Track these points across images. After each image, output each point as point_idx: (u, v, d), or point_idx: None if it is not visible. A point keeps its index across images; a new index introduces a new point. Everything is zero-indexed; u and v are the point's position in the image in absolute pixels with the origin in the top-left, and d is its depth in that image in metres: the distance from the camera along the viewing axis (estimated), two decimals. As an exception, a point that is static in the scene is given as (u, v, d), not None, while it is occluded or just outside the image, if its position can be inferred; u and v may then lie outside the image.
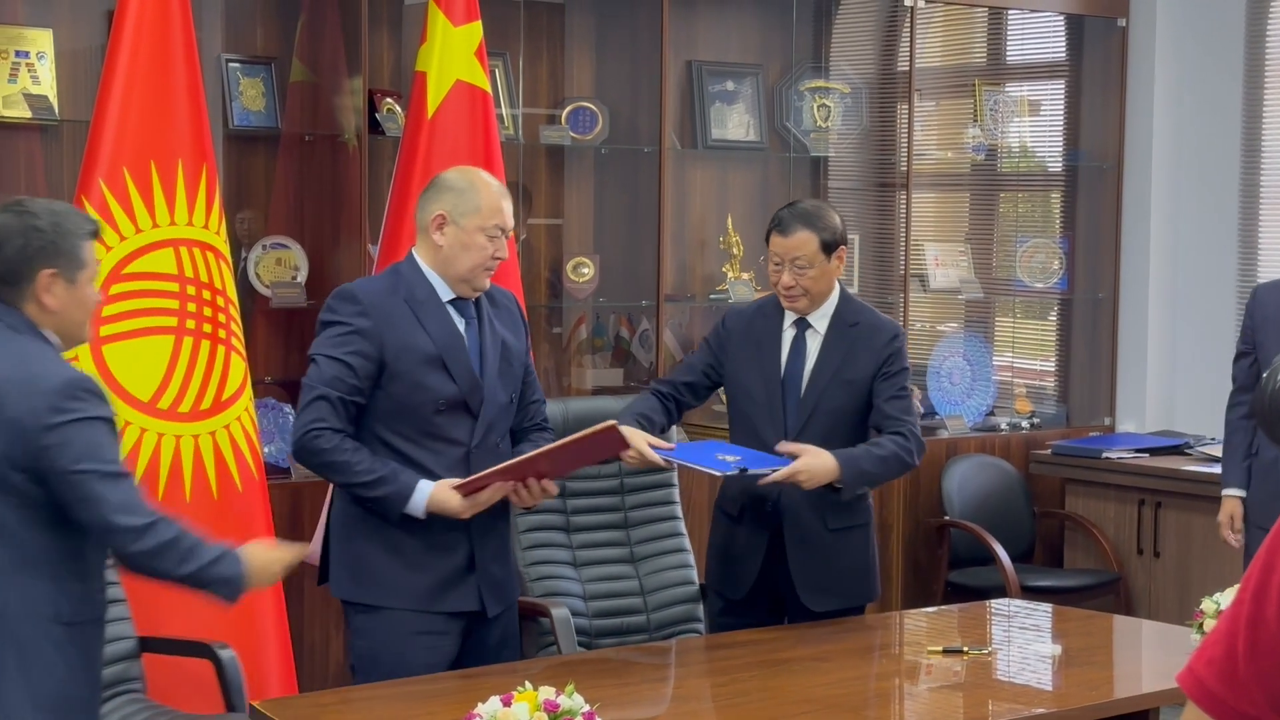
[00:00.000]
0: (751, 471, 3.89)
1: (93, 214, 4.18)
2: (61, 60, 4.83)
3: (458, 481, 3.68)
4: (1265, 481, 4.88)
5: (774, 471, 3.88)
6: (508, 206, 3.77)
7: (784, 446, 3.95)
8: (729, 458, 3.95)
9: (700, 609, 4.49)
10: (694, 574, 4.53)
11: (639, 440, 3.89)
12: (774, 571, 4.12)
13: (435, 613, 3.75)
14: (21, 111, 4.70)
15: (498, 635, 3.89)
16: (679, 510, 4.62)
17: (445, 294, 3.75)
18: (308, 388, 3.65)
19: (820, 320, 4.13)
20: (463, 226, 3.72)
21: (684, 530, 4.62)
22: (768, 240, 4.13)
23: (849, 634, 4.15)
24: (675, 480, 4.63)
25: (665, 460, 3.98)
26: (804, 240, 4.07)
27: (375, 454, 3.67)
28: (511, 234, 3.82)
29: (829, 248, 4.10)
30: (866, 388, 4.09)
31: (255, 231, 5.22)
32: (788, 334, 4.15)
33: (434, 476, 3.69)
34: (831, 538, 4.10)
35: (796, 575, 4.10)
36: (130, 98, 4.25)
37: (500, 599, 3.85)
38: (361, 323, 3.65)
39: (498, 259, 3.76)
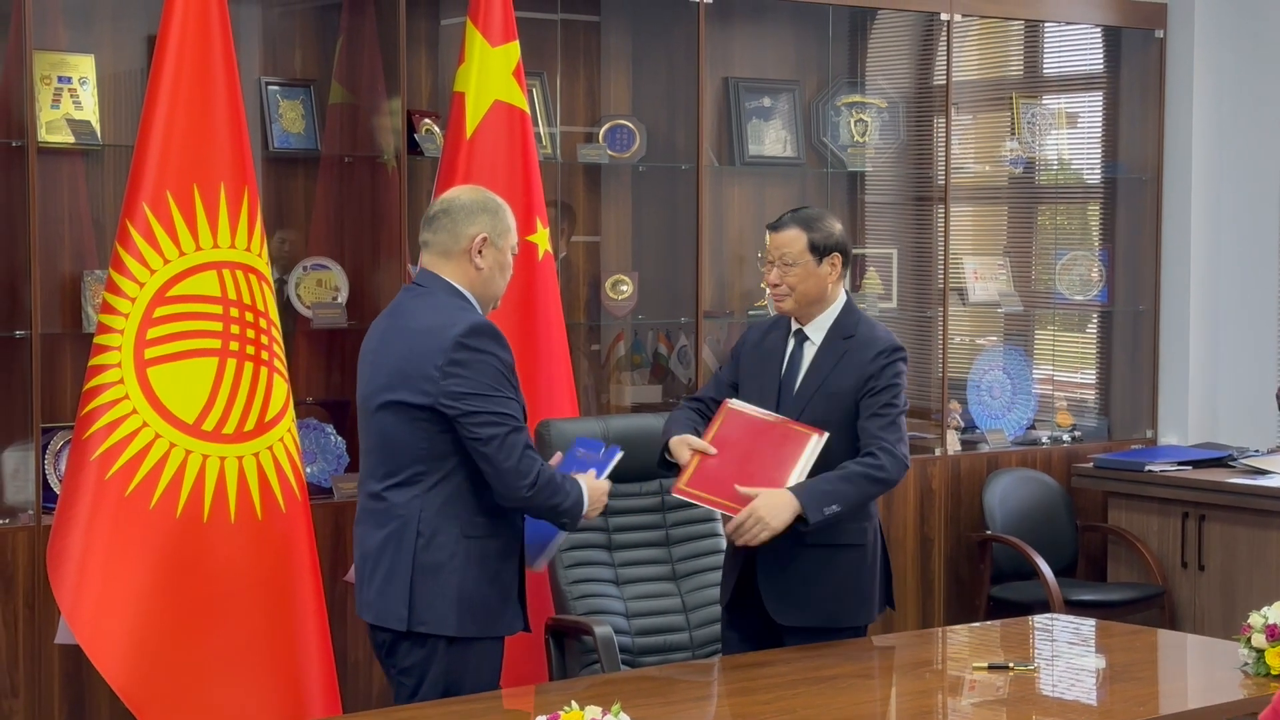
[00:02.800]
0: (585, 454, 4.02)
1: (136, 238, 4.23)
2: (104, 85, 4.87)
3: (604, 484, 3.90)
4: None
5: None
6: None
7: (742, 490, 3.93)
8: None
9: None
10: None
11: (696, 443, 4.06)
12: (750, 582, 4.13)
13: (499, 637, 3.81)
14: (65, 136, 4.74)
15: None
16: (720, 528, 4.61)
17: None
18: (509, 428, 3.65)
19: (817, 331, 4.16)
20: (500, 248, 3.81)
21: (725, 547, 4.60)
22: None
23: (893, 650, 4.14)
24: None
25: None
26: (793, 237, 4.11)
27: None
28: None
29: (817, 250, 4.10)
30: (851, 401, 4.06)
31: (296, 253, 5.25)
32: (789, 345, 4.20)
33: None
34: (810, 553, 4.03)
35: (763, 584, 4.09)
36: (172, 121, 4.29)
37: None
38: (510, 358, 3.73)
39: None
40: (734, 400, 4.12)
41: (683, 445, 4.07)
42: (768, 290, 4.25)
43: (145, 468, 4.21)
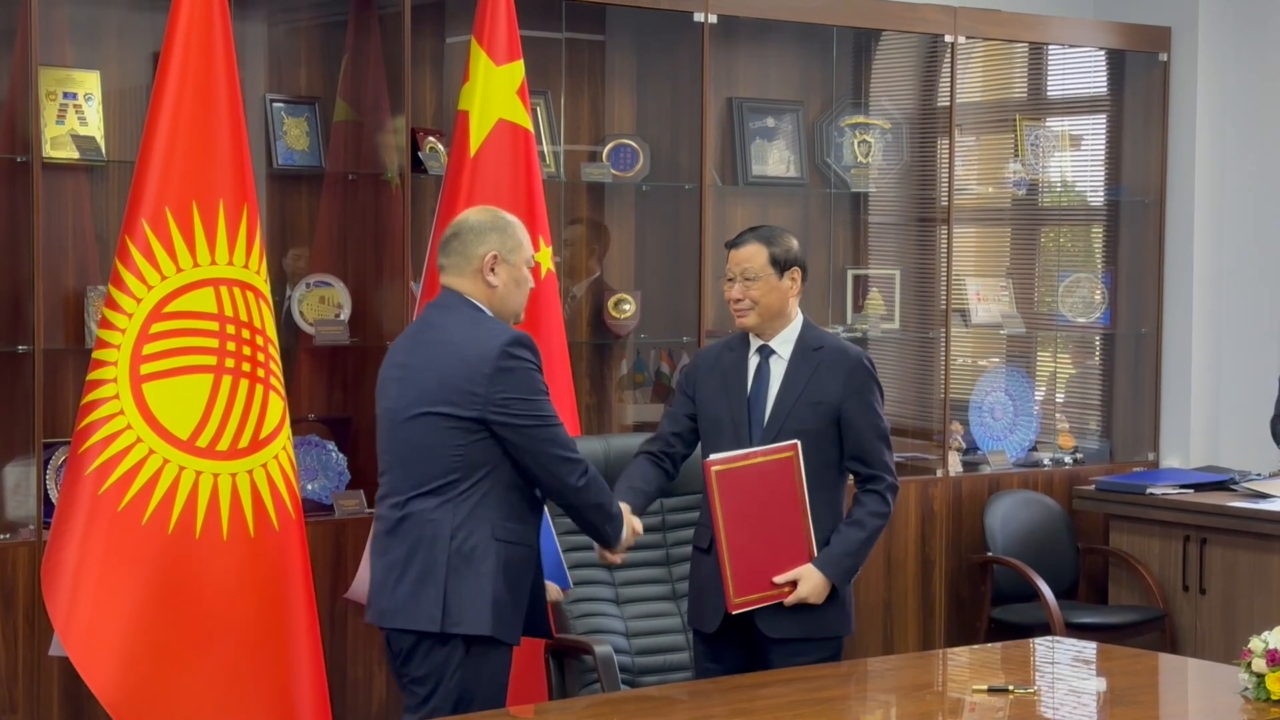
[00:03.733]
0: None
1: (135, 254, 4.24)
2: (109, 101, 4.88)
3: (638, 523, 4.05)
4: None
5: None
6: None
7: (780, 580, 4.08)
8: None
9: None
10: None
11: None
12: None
13: (511, 647, 3.86)
14: (69, 152, 4.75)
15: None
16: None
17: None
18: (562, 440, 3.84)
19: (783, 346, 4.21)
20: (513, 263, 3.89)
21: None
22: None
23: (893, 672, 4.13)
24: None
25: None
26: (754, 252, 4.18)
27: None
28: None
29: (778, 264, 4.18)
30: (835, 409, 4.16)
31: (299, 270, 5.25)
32: (752, 361, 4.23)
33: None
34: None
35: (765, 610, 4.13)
36: (174, 138, 4.30)
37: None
38: (541, 369, 3.89)
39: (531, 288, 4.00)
40: (712, 456, 4.09)
41: (628, 530, 4.07)
42: (730, 307, 4.25)
43: (138, 483, 4.21)
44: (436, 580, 3.74)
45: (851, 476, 4.25)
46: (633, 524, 4.03)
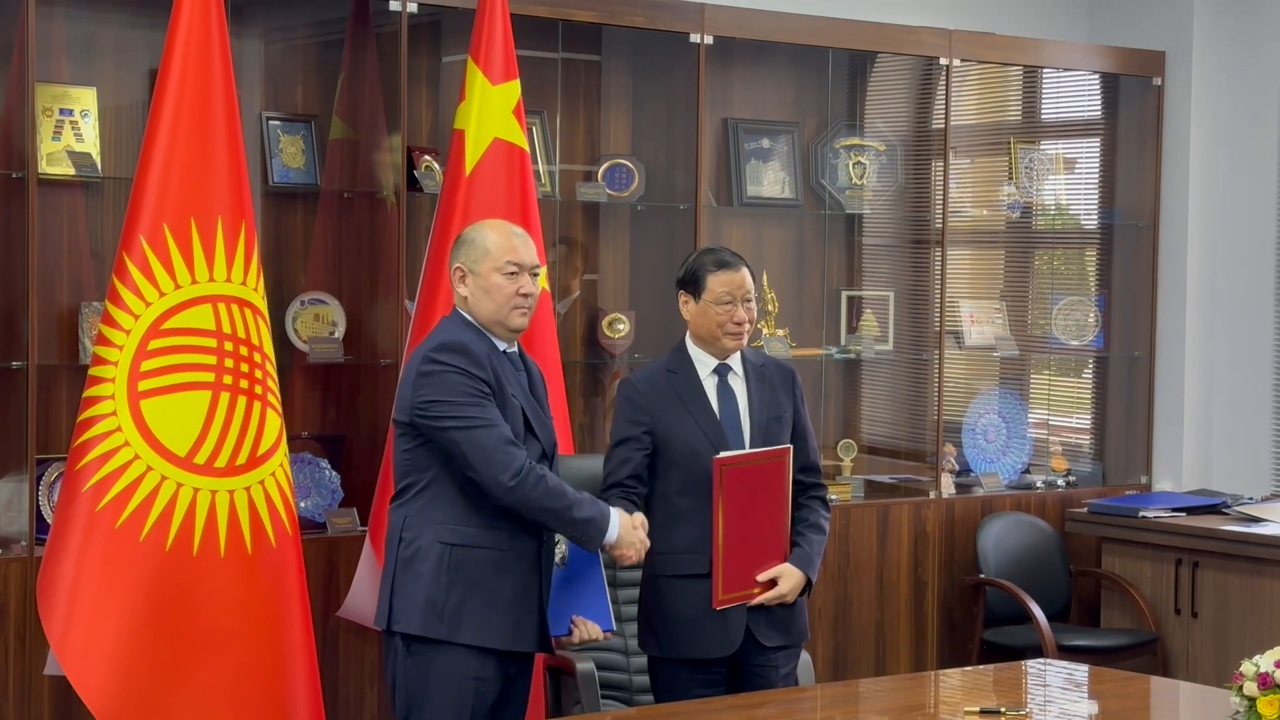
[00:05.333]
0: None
1: (133, 270, 4.24)
2: (105, 118, 4.89)
3: (642, 518, 3.99)
4: None
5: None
6: (522, 245, 3.96)
7: (763, 577, 4.12)
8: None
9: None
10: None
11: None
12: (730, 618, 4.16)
13: (489, 654, 3.84)
14: (65, 169, 4.76)
15: (525, 682, 4.01)
16: None
17: (500, 344, 3.96)
18: (479, 425, 3.81)
19: (736, 364, 4.25)
20: (478, 273, 3.91)
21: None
22: (698, 285, 4.18)
23: (885, 694, 4.13)
24: None
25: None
26: (747, 275, 4.23)
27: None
28: (541, 274, 4.04)
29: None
30: (791, 424, 4.26)
31: (294, 287, 5.26)
32: (709, 382, 4.22)
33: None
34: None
35: (754, 615, 4.16)
36: (171, 155, 4.31)
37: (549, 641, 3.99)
38: (483, 374, 3.87)
39: (526, 295, 3.92)
40: (721, 454, 4.07)
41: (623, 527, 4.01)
42: (730, 330, 4.19)
43: (136, 500, 4.21)
44: (388, 580, 3.89)
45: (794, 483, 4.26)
46: (628, 523, 3.95)
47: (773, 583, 4.14)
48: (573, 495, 3.86)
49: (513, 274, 3.90)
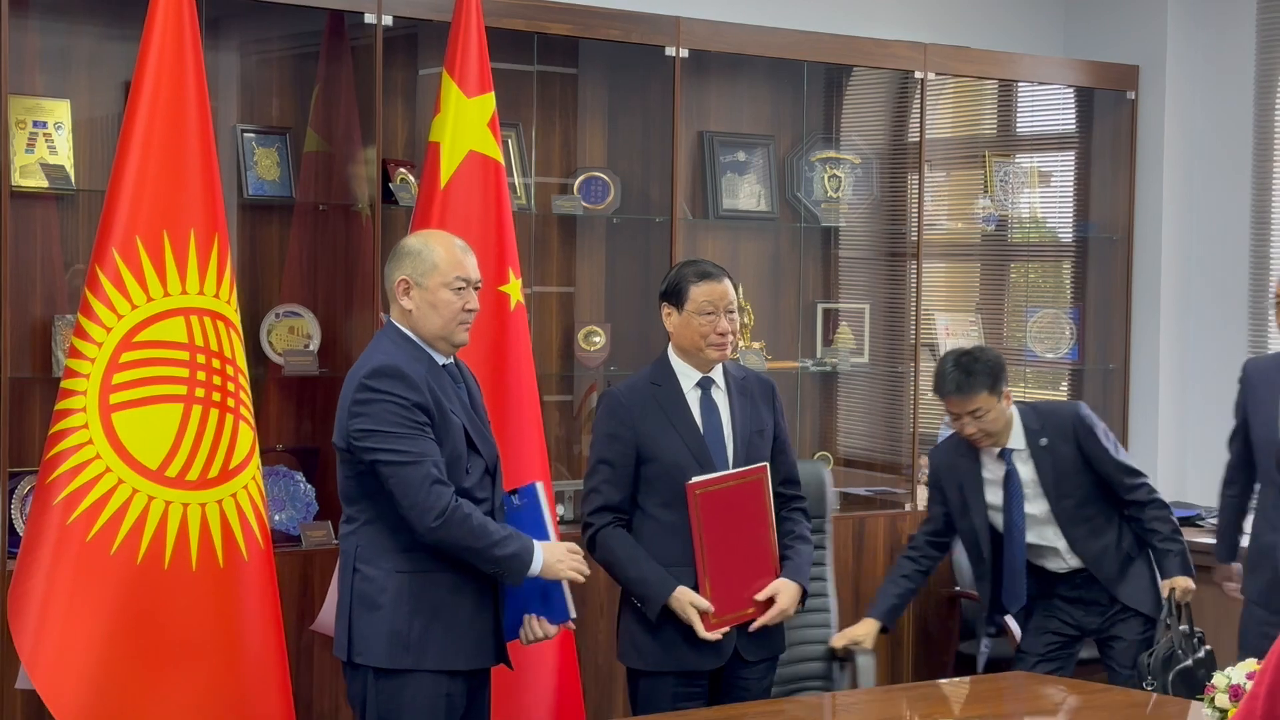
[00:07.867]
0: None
1: (105, 283, 4.22)
2: (79, 130, 4.88)
3: (573, 545, 3.96)
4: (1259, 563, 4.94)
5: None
6: (468, 260, 3.96)
7: (760, 597, 4.16)
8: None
9: (834, 667, 4.71)
10: (830, 633, 4.76)
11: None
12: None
13: (456, 673, 3.84)
14: (39, 181, 4.74)
15: (486, 691, 4.01)
16: (828, 572, 4.88)
17: (439, 358, 3.94)
18: (408, 461, 3.76)
19: (718, 377, 4.26)
20: (426, 287, 3.89)
21: (830, 591, 4.87)
22: (681, 296, 4.21)
23: (862, 706, 4.13)
24: (827, 542, 4.87)
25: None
26: (730, 287, 4.25)
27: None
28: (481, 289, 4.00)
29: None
30: (772, 436, 4.29)
31: (269, 300, 5.24)
32: (693, 395, 4.23)
33: None
34: None
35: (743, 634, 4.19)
36: (145, 168, 4.29)
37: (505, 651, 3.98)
38: (418, 398, 3.80)
39: (470, 310, 3.93)
40: (694, 479, 4.10)
41: (686, 606, 4.09)
42: (714, 341, 4.23)
43: (107, 513, 4.19)
44: (344, 611, 3.87)
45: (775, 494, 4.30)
46: (554, 550, 3.90)
47: (770, 601, 4.15)
48: (496, 533, 3.81)
49: (460, 289, 3.91)
